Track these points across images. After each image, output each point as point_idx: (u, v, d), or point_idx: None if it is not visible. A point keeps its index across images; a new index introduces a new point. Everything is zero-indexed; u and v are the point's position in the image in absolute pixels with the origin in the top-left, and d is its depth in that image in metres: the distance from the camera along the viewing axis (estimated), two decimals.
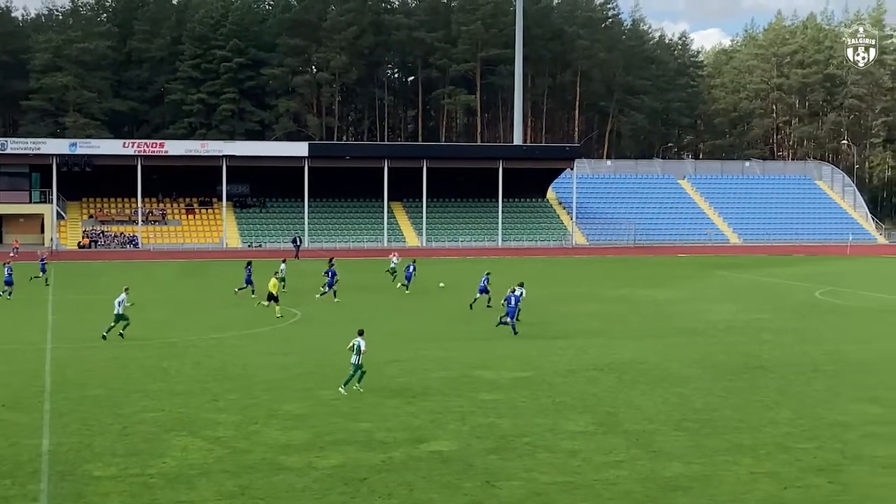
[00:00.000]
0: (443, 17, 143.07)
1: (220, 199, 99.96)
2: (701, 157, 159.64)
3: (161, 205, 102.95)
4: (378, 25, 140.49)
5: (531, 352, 34.66)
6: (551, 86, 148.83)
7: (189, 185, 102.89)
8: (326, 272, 51.68)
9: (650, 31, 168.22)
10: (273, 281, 45.49)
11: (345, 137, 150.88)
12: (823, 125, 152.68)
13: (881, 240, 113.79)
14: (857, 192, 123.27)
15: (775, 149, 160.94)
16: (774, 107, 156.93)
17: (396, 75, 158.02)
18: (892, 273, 70.49)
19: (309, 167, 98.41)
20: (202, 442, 22.28)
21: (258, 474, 19.84)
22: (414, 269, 55.96)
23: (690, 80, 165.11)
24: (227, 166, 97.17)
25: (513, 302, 39.10)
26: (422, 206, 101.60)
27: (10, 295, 51.32)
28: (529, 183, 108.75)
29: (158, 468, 20.25)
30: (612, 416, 24.92)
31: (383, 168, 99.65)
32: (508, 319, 38.85)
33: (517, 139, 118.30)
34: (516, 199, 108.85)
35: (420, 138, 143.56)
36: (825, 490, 19.05)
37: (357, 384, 27.33)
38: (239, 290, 51.92)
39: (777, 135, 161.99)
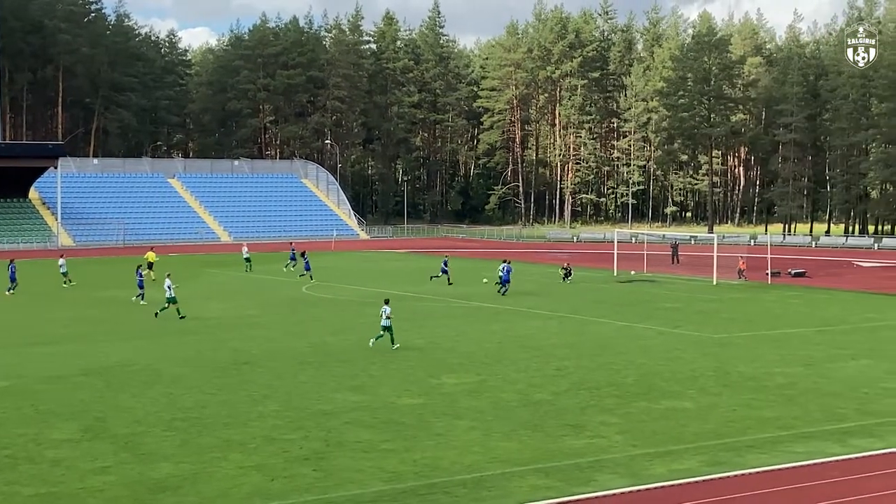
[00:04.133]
0: None
1: None
2: (191, 155, 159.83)
3: None
4: None
5: (10, 359, 32.97)
6: (32, 81, 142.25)
7: None
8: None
9: (137, 27, 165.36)
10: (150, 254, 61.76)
11: None
12: (308, 125, 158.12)
13: (363, 235, 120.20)
14: (341, 190, 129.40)
15: (263, 148, 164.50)
16: (262, 107, 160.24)
17: None
18: (372, 267, 74.58)
19: None
20: None
21: None
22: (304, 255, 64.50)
23: (179, 79, 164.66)
24: None
25: (504, 272, 52.23)
26: None
27: None
28: (9, 182, 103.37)
29: None
30: (100, 422, 24.33)
31: None
32: (503, 286, 52.06)
33: None
34: None
35: None
36: (310, 478, 19.80)
37: (392, 344, 34.27)
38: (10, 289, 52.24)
39: (265, 134, 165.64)
